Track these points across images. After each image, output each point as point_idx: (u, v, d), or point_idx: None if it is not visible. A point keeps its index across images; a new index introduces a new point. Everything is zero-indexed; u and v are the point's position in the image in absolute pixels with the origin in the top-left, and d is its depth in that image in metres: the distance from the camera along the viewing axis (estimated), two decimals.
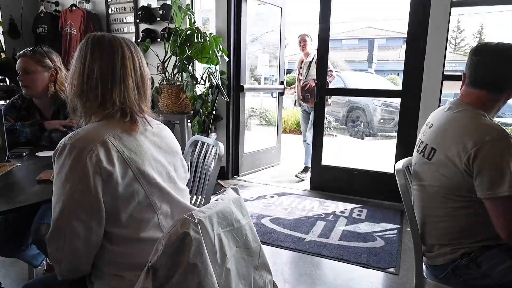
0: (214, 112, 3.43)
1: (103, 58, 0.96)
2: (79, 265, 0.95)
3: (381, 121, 6.84)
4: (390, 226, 2.68)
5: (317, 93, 3.34)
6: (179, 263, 0.81)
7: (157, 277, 0.81)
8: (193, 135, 3.32)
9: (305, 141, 4.01)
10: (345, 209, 3.01)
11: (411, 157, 1.49)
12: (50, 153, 1.55)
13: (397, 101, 3.81)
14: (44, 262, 1.89)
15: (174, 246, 0.81)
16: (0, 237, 1.58)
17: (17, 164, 1.34)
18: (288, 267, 2.14)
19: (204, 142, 1.84)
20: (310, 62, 3.86)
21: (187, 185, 1.17)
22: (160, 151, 1.06)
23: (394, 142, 3.20)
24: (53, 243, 0.91)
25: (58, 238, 0.90)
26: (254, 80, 6.36)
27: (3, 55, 4.15)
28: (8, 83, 4.22)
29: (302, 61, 4.02)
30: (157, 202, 0.99)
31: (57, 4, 4.33)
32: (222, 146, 1.70)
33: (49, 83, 1.77)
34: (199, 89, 3.54)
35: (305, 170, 3.92)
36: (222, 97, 3.38)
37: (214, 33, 3.40)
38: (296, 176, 3.89)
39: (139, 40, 3.84)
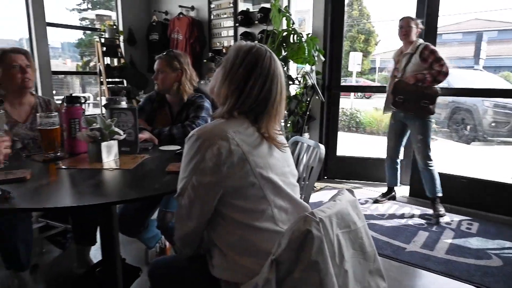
0: (308, 113, 3.43)
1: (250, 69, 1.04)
2: (186, 239, 1.07)
3: (493, 124, 6.03)
4: (509, 244, 2.36)
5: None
6: (301, 259, 0.84)
7: (280, 270, 0.84)
8: (286, 135, 3.37)
9: (393, 160, 3.11)
10: (451, 221, 2.74)
11: None
12: (171, 147, 1.75)
13: None
14: (157, 244, 2.12)
15: (297, 242, 0.83)
16: (127, 219, 1.82)
17: (146, 156, 1.53)
18: (387, 276, 2.03)
19: (304, 143, 1.86)
20: (413, 54, 2.80)
21: None
22: (274, 147, 1.10)
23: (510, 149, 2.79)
24: (175, 212, 1.05)
25: (178, 209, 1.03)
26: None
27: (122, 60, 4.75)
28: (125, 84, 4.81)
29: (401, 52, 2.95)
30: (271, 196, 1.03)
31: (166, 13, 4.80)
32: (323, 149, 1.69)
33: (174, 82, 1.99)
34: (292, 89, 3.58)
35: (388, 192, 3.20)
36: (317, 97, 3.36)
37: (310, 34, 3.40)
38: (376, 201, 3.16)
39: (234, 42, 4.03)
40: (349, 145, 4.22)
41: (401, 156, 3.13)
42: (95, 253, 2.08)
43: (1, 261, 1.66)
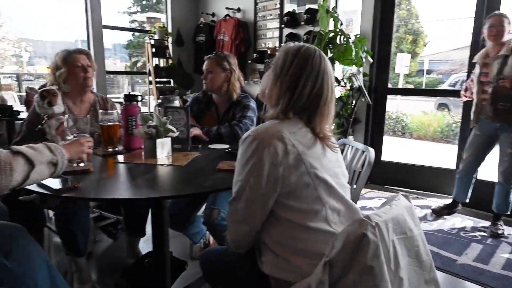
0: (353, 115, 3.36)
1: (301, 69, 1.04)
2: (241, 242, 1.09)
3: None
4: None
5: None
6: (355, 262, 0.82)
7: (333, 272, 0.84)
8: None
9: (469, 174, 2.80)
10: (509, 234, 2.56)
11: None
12: (220, 146, 1.79)
13: None
14: (202, 240, 2.17)
15: (351, 245, 0.82)
16: (175, 213, 1.88)
17: (197, 153, 1.58)
18: None
19: (352, 146, 1.82)
20: (508, 55, 2.41)
21: None
22: (327, 148, 1.10)
23: None
24: (228, 216, 1.06)
25: (232, 212, 1.04)
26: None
27: (170, 61, 4.93)
28: (172, 84, 4.98)
29: (487, 56, 2.57)
30: (324, 196, 1.03)
31: (213, 15, 4.91)
32: (373, 152, 1.65)
33: (224, 82, 2.03)
34: (338, 91, 3.52)
35: (452, 206, 2.92)
36: (363, 100, 3.28)
37: (358, 34, 3.33)
38: (435, 211, 2.92)
39: (282, 44, 4.04)
40: (394, 150, 4.06)
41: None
42: (143, 245, 2.19)
43: (63, 247, 1.79)
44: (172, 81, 4.96)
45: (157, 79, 4.77)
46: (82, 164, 1.26)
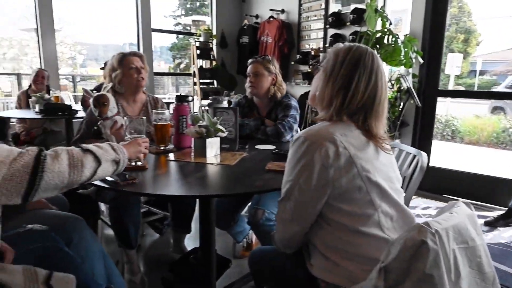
0: (401, 118, 3.24)
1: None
2: (289, 242, 1.09)
3: None
4: None
5: None
6: (412, 270, 0.80)
7: (388, 278, 0.81)
8: None
9: None
10: None
11: None
12: (267, 146, 1.81)
13: None
14: (244, 240, 2.20)
15: (409, 252, 0.80)
16: (220, 212, 1.92)
17: (244, 154, 1.60)
18: None
19: (403, 150, 1.76)
20: None
21: None
22: (380, 151, 1.07)
23: None
24: (277, 215, 1.07)
25: (281, 212, 1.05)
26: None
27: (214, 63, 5.05)
28: (215, 85, 5.10)
29: None
30: (377, 200, 1.00)
31: (257, 17, 4.96)
32: (425, 157, 1.58)
33: (271, 85, 2.05)
34: None
35: (508, 216, 2.72)
36: (411, 102, 3.16)
37: (408, 34, 3.20)
38: (485, 223, 2.72)
39: (327, 45, 3.99)
40: (443, 155, 3.85)
41: None
42: (188, 242, 2.25)
43: (116, 239, 1.89)
44: (215, 82, 5.07)
45: (201, 80, 4.90)
46: (139, 163, 1.32)
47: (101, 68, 3.72)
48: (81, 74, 9.87)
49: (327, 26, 4.01)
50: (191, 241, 2.30)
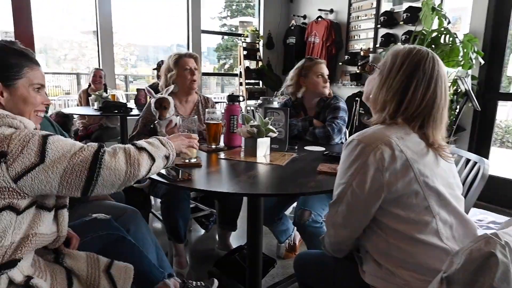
0: (457, 122, 3.06)
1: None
2: (339, 246, 1.07)
3: None
4: None
5: None
6: (478, 282, 0.75)
7: None
8: None
9: None
10: None
11: None
12: (316, 148, 1.79)
13: None
14: (287, 241, 2.20)
15: (475, 264, 0.75)
16: (265, 207, 1.93)
17: (294, 154, 1.60)
18: None
19: (462, 156, 1.66)
20: None
21: None
22: (440, 157, 1.02)
23: None
24: (328, 218, 1.06)
25: (332, 215, 1.03)
26: None
27: (260, 63, 5.09)
28: (261, 86, 5.14)
29: None
30: (436, 207, 0.96)
31: (304, 17, 4.93)
32: (488, 164, 1.49)
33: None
34: None
35: None
36: (470, 105, 2.97)
37: (467, 32, 3.02)
38: None
39: (377, 45, 3.88)
40: (502, 163, 3.58)
41: None
42: (232, 239, 2.29)
43: (166, 232, 1.97)
44: (261, 82, 5.11)
45: (247, 81, 4.96)
46: (193, 160, 1.37)
47: (154, 69, 3.89)
48: (131, 74, 10.39)
49: (378, 26, 3.89)
50: (235, 239, 2.34)
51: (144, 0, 8.70)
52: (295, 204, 2.09)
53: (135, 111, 3.24)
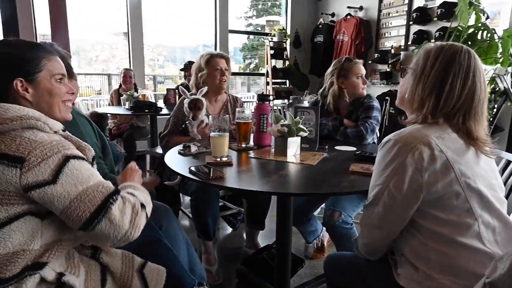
0: (494, 122, 2.93)
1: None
2: (373, 248, 1.05)
3: None
4: None
5: None
6: None
7: None
8: None
9: None
10: None
11: None
12: (347, 148, 1.76)
13: None
14: (315, 241, 2.17)
15: None
16: (294, 208, 1.92)
17: (324, 154, 1.58)
18: None
19: (503, 157, 1.59)
20: None
21: None
22: (480, 156, 0.98)
23: None
24: (363, 220, 1.03)
25: (367, 216, 1.00)
26: None
27: (287, 63, 5.06)
28: (288, 85, 5.11)
29: None
30: (478, 209, 0.93)
31: (333, 15, 4.86)
32: None
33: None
34: None
35: None
36: (508, 104, 2.83)
37: (508, 28, 2.87)
38: None
39: (409, 43, 3.76)
40: None
41: None
42: (260, 239, 2.30)
43: (196, 229, 1.99)
44: (287, 82, 5.09)
45: (273, 80, 4.95)
46: (224, 159, 1.38)
47: (181, 70, 3.96)
48: (159, 74, 10.62)
49: (411, 22, 3.78)
50: (262, 238, 2.34)
51: (173, 1, 8.86)
52: (323, 205, 2.08)
53: (164, 111, 3.31)
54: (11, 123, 0.82)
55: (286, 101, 4.78)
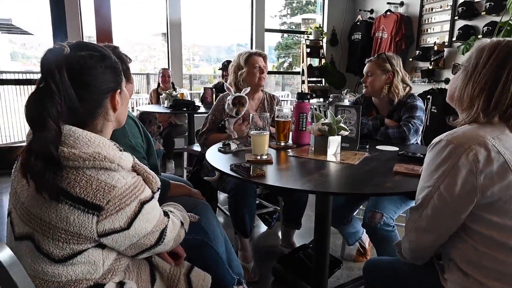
0: None
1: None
2: (420, 252, 1.01)
3: None
4: None
5: None
6: None
7: None
8: None
9: None
10: None
11: None
12: (389, 147, 1.71)
13: None
14: (356, 243, 2.12)
15: None
16: (334, 209, 1.89)
17: (365, 154, 1.55)
18: None
19: None
20: None
21: None
22: None
23: None
24: (409, 223, 0.99)
25: (414, 219, 0.97)
26: None
27: (323, 61, 4.99)
28: (323, 84, 5.04)
29: None
30: None
31: (371, 11, 4.73)
32: None
33: (384, 85, 1.92)
34: None
35: None
36: None
37: None
38: None
39: (454, 39, 3.59)
40: None
41: None
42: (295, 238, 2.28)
43: (232, 226, 2.02)
44: (323, 80, 5.02)
45: (309, 79, 4.90)
46: (264, 157, 1.39)
47: (219, 69, 4.02)
48: (194, 74, 10.85)
49: (456, 18, 3.60)
50: (298, 237, 2.32)
51: (209, 1, 9.02)
52: (361, 206, 2.03)
53: (202, 109, 3.37)
54: (83, 162, 0.78)
55: (321, 99, 4.72)
